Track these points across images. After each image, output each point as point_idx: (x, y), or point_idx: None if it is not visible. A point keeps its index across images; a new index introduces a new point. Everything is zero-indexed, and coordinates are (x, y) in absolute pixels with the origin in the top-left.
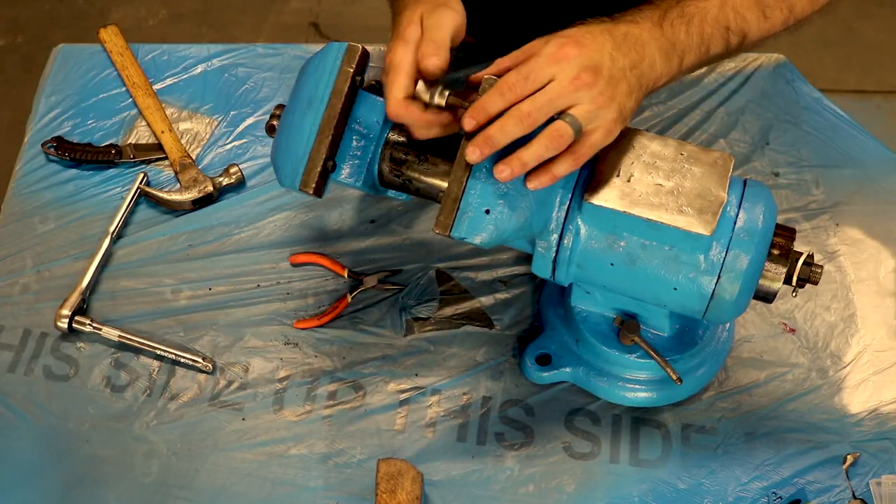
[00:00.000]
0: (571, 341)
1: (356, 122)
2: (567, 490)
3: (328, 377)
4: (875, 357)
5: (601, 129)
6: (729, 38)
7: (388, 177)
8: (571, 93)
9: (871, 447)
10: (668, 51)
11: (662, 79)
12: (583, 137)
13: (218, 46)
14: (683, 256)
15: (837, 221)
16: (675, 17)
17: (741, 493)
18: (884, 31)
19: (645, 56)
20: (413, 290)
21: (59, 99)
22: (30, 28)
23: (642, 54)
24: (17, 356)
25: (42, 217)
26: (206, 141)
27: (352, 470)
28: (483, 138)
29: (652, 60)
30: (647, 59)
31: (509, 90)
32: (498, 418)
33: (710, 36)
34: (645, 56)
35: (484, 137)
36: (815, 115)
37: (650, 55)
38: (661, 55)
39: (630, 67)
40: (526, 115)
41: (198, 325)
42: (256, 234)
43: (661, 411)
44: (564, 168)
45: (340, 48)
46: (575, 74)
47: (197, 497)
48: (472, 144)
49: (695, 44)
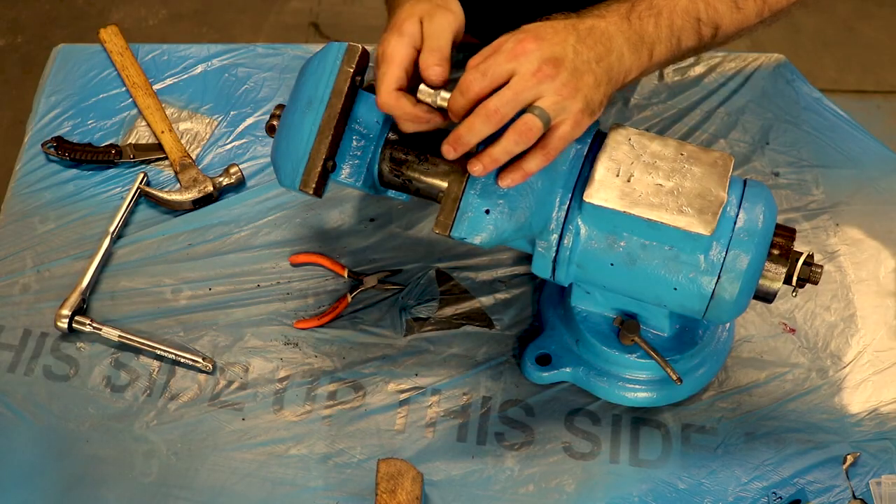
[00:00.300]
0: (571, 341)
1: (356, 122)
2: (567, 490)
3: (328, 377)
4: (875, 357)
5: (568, 120)
6: (701, 29)
7: (388, 177)
8: (534, 86)
9: (871, 447)
10: (636, 43)
11: (633, 72)
12: (551, 130)
13: (218, 46)
14: (683, 256)
15: (837, 221)
16: (643, 10)
17: (741, 493)
18: (884, 31)
19: (612, 49)
20: (413, 290)
21: (59, 99)
22: (30, 28)
23: (609, 47)
24: (17, 356)
25: (42, 217)
26: (206, 141)
27: (352, 470)
28: (454, 137)
29: (620, 53)
30: (615, 52)
31: (468, 88)
32: (498, 418)
33: (680, 28)
34: (612, 49)
35: (455, 137)
36: (815, 115)
37: (618, 48)
38: (630, 48)
39: (596, 60)
40: (493, 111)
41: (198, 325)
42: (256, 234)
43: (661, 411)
44: (535, 164)
45: (340, 48)
46: (536, 67)
47: (197, 497)
48: (445, 143)
49: (664, 36)
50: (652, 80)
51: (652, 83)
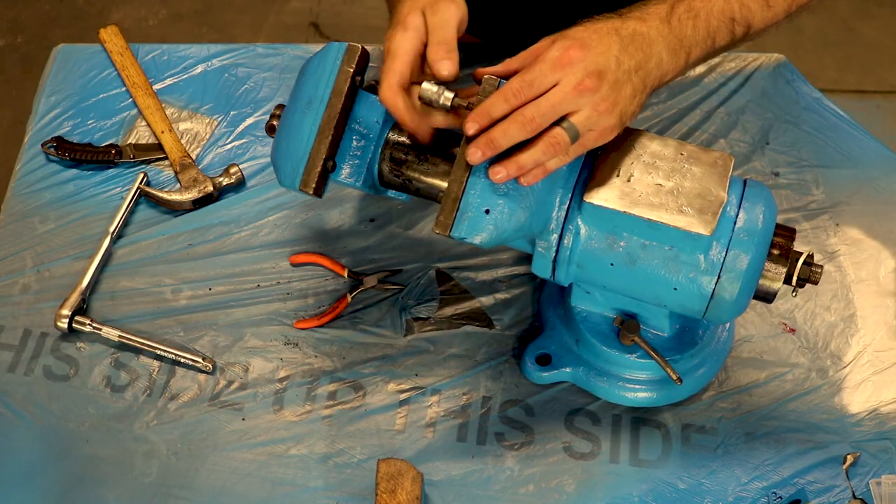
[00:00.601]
0: (571, 341)
1: (356, 122)
2: (567, 490)
3: (328, 377)
4: (875, 357)
5: (596, 133)
6: (734, 29)
7: (388, 177)
8: (574, 98)
9: (871, 447)
10: (675, 47)
11: (668, 75)
12: (577, 141)
13: (218, 46)
14: (683, 256)
15: (837, 221)
16: (682, 13)
17: (741, 493)
18: (884, 31)
19: (652, 55)
20: (413, 290)
21: (59, 99)
22: (30, 28)
23: (649, 54)
24: (17, 356)
25: (42, 217)
26: (206, 141)
27: (352, 470)
28: (486, 140)
29: (659, 59)
30: (654, 59)
31: (514, 96)
32: (498, 418)
33: (716, 29)
34: (652, 55)
35: (487, 140)
36: (815, 115)
37: (657, 53)
38: (669, 52)
39: (635, 69)
40: (529, 120)
41: (198, 325)
42: (256, 234)
43: (661, 411)
44: (554, 164)
45: (340, 48)
46: (579, 80)
47: (197, 497)
48: (473, 146)
49: (701, 38)
50: None
51: None
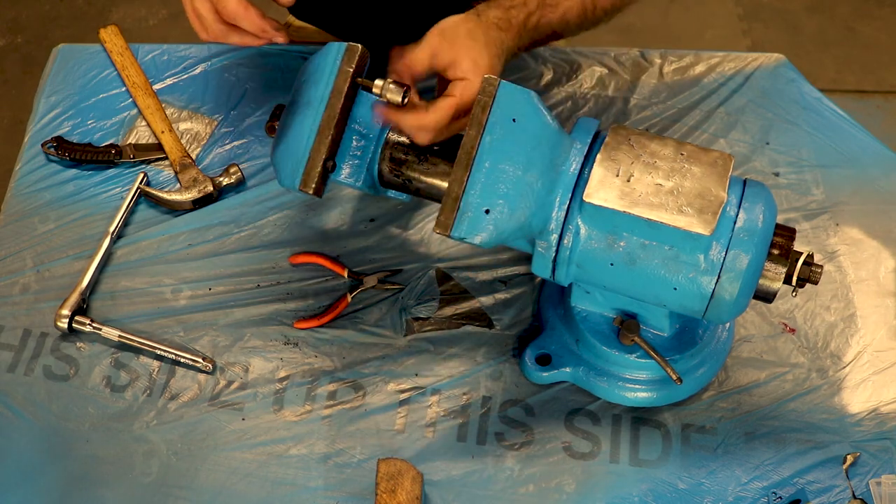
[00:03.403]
0: (571, 341)
1: (356, 122)
2: (567, 490)
3: (328, 377)
4: (875, 357)
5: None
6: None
7: (388, 177)
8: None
9: (871, 447)
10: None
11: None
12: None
13: (218, 46)
14: (683, 256)
15: (837, 221)
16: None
17: (741, 493)
18: (884, 31)
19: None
20: (413, 290)
21: (59, 99)
22: (30, 28)
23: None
24: (17, 356)
25: (42, 217)
26: (206, 141)
27: (352, 470)
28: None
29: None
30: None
31: (446, 131)
32: (498, 418)
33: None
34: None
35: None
36: (815, 115)
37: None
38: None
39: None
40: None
41: (198, 325)
42: (256, 234)
43: (661, 411)
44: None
45: (340, 48)
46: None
47: (197, 497)
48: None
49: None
50: (652, 79)
51: (652, 83)
